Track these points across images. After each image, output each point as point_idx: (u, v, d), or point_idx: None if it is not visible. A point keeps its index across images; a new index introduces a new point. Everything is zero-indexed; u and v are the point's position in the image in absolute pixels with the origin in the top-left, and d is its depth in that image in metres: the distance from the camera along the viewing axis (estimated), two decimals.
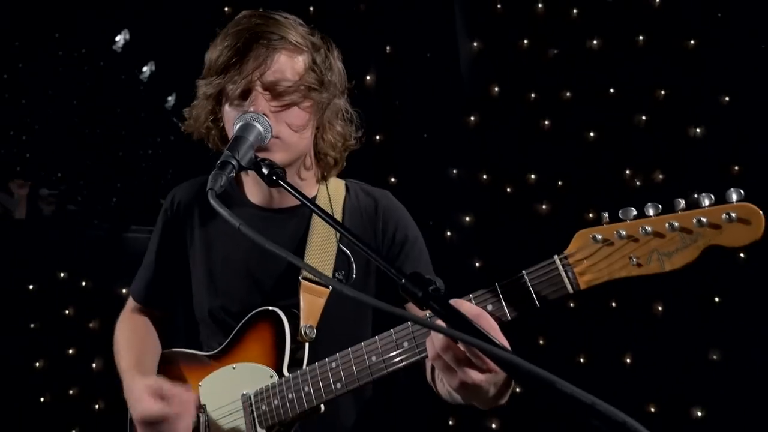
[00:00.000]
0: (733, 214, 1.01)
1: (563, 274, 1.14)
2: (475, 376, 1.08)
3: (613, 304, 3.26)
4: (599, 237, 1.11)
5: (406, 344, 1.28)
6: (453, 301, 1.12)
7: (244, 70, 1.46)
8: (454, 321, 1.00)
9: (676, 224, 1.05)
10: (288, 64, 1.49)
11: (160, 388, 1.51)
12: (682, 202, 1.06)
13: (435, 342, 1.10)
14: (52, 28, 4.64)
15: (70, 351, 3.37)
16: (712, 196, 1.04)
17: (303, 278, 1.57)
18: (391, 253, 1.63)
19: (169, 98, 5.06)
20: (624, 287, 3.15)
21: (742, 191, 1.02)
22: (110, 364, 3.27)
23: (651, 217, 1.07)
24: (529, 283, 1.16)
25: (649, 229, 1.07)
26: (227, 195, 1.64)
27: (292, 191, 1.24)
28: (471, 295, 1.21)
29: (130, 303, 1.88)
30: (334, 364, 1.39)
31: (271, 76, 1.47)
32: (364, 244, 1.14)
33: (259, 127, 1.36)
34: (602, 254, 1.11)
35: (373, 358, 1.33)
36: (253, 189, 1.67)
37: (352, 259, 1.61)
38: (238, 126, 1.36)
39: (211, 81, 1.51)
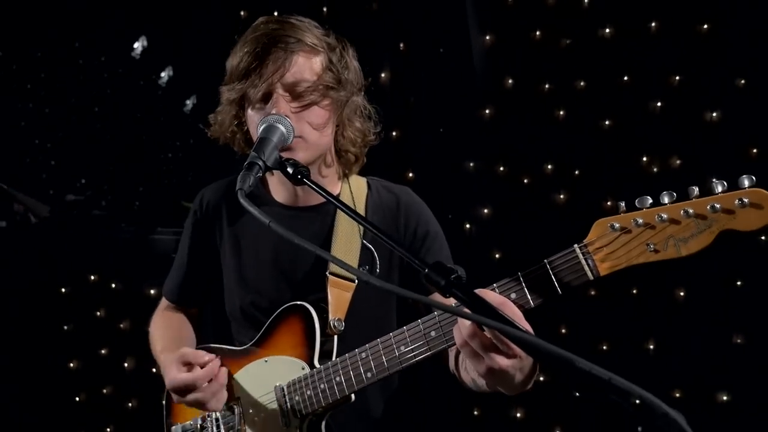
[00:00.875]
0: (746, 200, 1.06)
1: (583, 261, 1.18)
2: (501, 361, 1.11)
3: (635, 292, 3.27)
4: (617, 225, 1.16)
5: (433, 333, 1.33)
6: (478, 291, 1.15)
7: (264, 73, 1.51)
8: (478, 308, 1.05)
9: (691, 211, 1.10)
10: (306, 66, 1.54)
11: (185, 355, 1.56)
12: (696, 190, 1.10)
13: (462, 329, 1.14)
14: (72, 38, 4.76)
15: (103, 351, 3.46)
16: (725, 183, 1.08)
17: (330, 273, 1.62)
18: (413, 248, 1.67)
19: (188, 102, 5.15)
20: (645, 274, 3.16)
21: (753, 177, 1.07)
22: (142, 363, 3.36)
23: (666, 204, 1.12)
24: (550, 272, 1.20)
25: (665, 216, 1.12)
26: (253, 195, 1.69)
27: (317, 189, 1.29)
28: (495, 285, 1.25)
29: (163, 302, 1.94)
30: (363, 355, 1.44)
31: (291, 77, 1.51)
32: (387, 237, 1.18)
33: (282, 128, 1.42)
34: (620, 242, 1.16)
35: (402, 348, 1.37)
36: (278, 188, 1.72)
37: (376, 254, 1.66)
38: (261, 128, 1.41)
39: (233, 86, 1.56)
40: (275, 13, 3.20)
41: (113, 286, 3.50)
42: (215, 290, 1.84)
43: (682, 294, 3.21)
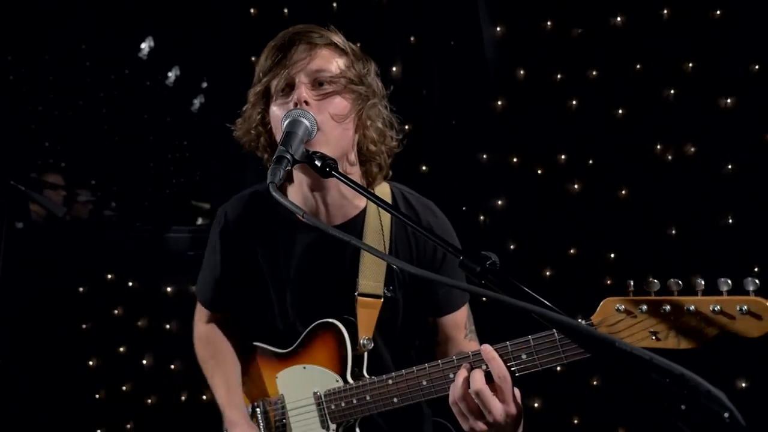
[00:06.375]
0: (746, 307, 1.10)
1: None
2: (480, 426, 1.34)
3: None
4: (622, 308, 1.21)
5: (451, 375, 1.43)
6: (484, 352, 1.33)
7: (287, 64, 1.53)
8: (510, 292, 1.07)
9: (693, 308, 1.14)
10: (330, 58, 1.57)
11: None
12: (702, 283, 1.14)
13: (454, 391, 1.35)
14: (79, 41, 4.79)
15: (121, 349, 3.48)
16: (729, 282, 1.12)
17: (359, 294, 1.66)
18: (433, 266, 1.72)
19: (195, 101, 5.17)
20: (661, 264, 3.15)
21: (757, 281, 1.10)
22: (160, 360, 3.36)
23: (673, 295, 1.16)
24: (557, 341, 1.30)
25: (668, 308, 1.16)
26: (278, 215, 1.71)
27: (345, 180, 1.30)
28: (507, 343, 1.35)
29: (200, 312, 1.96)
30: (391, 382, 1.54)
31: (314, 66, 1.54)
32: (419, 228, 1.22)
33: (306, 122, 1.43)
34: (625, 324, 1.21)
35: (424, 383, 1.48)
36: (300, 203, 1.68)
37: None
38: (286, 122, 1.43)
39: (260, 80, 1.58)
40: (285, 11, 3.21)
41: (130, 284, 3.52)
42: (244, 300, 1.88)
43: (697, 281, 3.20)
